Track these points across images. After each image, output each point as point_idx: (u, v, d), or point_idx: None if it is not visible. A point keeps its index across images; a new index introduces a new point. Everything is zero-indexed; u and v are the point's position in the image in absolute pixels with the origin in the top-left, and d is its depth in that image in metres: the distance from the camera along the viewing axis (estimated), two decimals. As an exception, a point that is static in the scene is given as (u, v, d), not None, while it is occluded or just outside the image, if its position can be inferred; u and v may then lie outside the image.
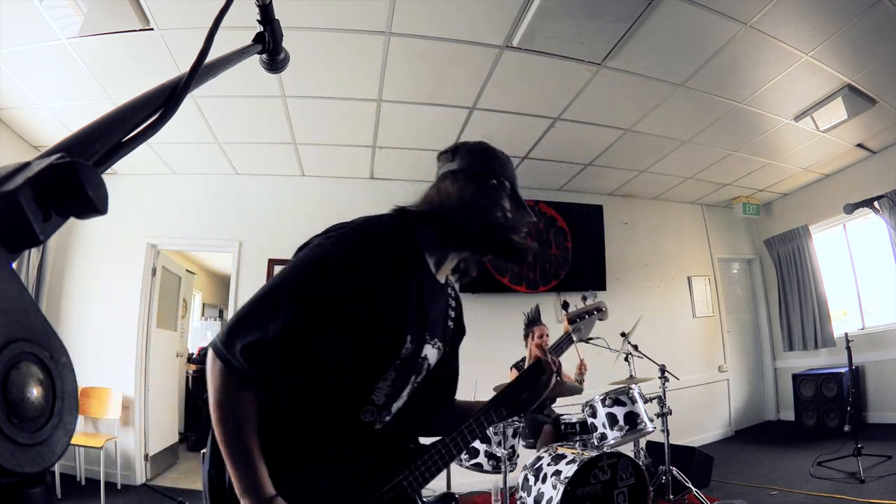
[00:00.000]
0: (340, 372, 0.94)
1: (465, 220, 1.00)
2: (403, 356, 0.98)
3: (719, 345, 6.06)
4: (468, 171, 1.05)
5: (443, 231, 1.01)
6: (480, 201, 1.02)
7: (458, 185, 1.03)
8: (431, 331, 1.05)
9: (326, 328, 0.91)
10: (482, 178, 1.05)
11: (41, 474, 0.30)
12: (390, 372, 0.99)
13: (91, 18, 2.67)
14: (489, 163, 1.08)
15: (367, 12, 2.77)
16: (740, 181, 5.62)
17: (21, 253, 0.32)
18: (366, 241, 0.95)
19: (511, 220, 1.06)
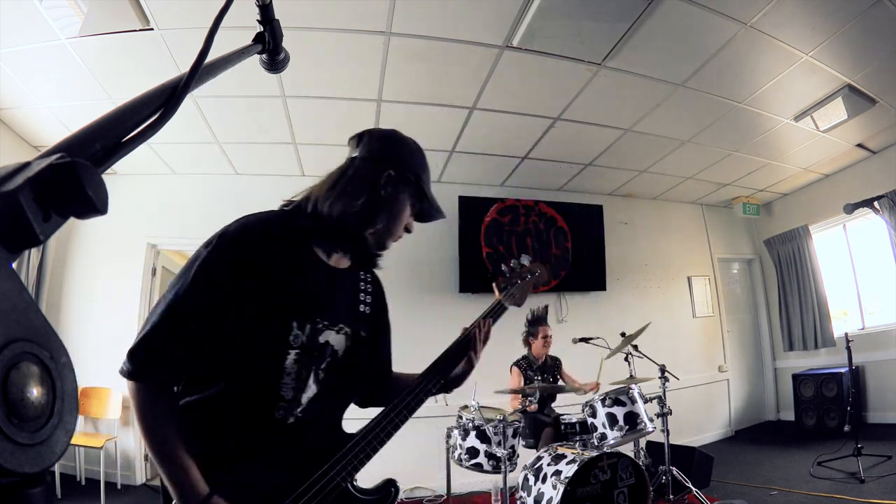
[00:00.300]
0: (242, 371, 0.95)
1: (326, 208, 1.02)
2: (297, 344, 0.98)
3: (719, 345, 6.06)
4: (365, 158, 1.06)
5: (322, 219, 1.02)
6: (347, 190, 1.02)
7: (340, 173, 1.07)
8: (330, 316, 1.04)
9: (209, 325, 0.92)
10: (377, 167, 1.05)
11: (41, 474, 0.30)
12: (291, 364, 0.98)
13: (91, 18, 2.67)
14: (389, 152, 1.07)
15: (367, 12, 2.77)
16: (740, 181, 5.62)
17: (21, 253, 0.32)
18: (239, 238, 0.96)
19: (369, 213, 1.03)
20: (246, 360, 0.95)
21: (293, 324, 0.98)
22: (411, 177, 1.07)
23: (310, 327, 1.01)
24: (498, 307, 1.34)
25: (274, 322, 0.97)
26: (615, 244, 5.57)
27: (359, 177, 1.05)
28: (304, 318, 1.00)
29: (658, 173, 5.25)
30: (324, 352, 1.04)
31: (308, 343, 1.01)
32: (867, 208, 3.07)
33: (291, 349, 0.98)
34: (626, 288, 5.63)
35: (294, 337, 0.98)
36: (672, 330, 5.61)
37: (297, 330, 0.99)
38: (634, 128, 4.21)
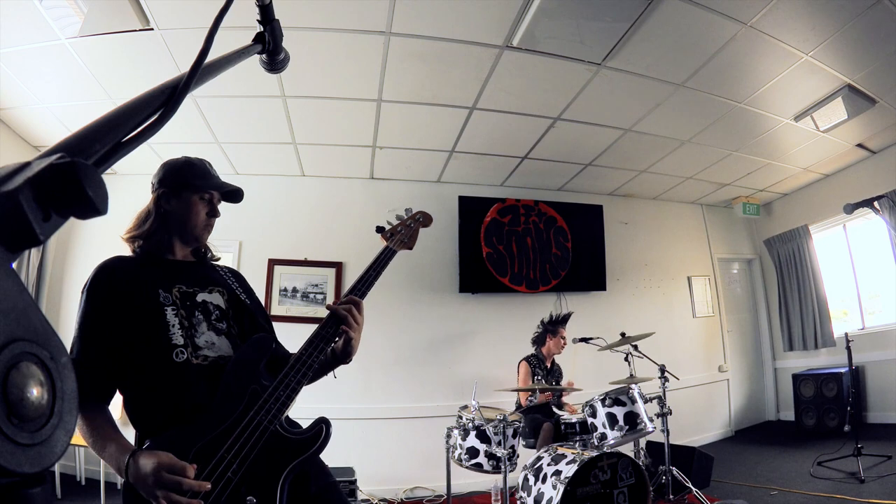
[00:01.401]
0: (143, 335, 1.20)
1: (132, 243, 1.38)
2: (168, 302, 1.26)
3: (719, 345, 6.05)
4: (152, 194, 1.43)
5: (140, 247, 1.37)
6: (139, 224, 1.39)
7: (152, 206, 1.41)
8: (196, 282, 1.34)
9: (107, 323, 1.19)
10: (155, 195, 1.42)
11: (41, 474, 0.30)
12: (171, 317, 1.24)
13: (91, 18, 2.67)
14: (159, 180, 1.42)
15: (367, 12, 2.77)
16: (740, 181, 5.62)
17: (21, 253, 0.32)
18: (100, 271, 1.27)
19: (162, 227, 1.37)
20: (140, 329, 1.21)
21: (158, 291, 1.27)
22: (181, 184, 1.37)
23: (177, 291, 1.29)
24: (387, 252, 1.46)
25: (143, 295, 1.25)
26: (615, 244, 5.57)
27: (146, 211, 1.39)
28: (167, 287, 1.28)
29: (658, 173, 5.25)
30: (206, 307, 1.32)
31: (182, 301, 1.28)
32: (867, 208, 3.07)
33: (167, 306, 1.25)
34: (626, 288, 5.63)
35: (164, 298, 1.26)
36: (672, 330, 5.61)
37: (164, 293, 1.27)
38: (634, 128, 4.21)
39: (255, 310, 1.42)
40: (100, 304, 1.22)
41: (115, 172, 4.55)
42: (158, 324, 1.22)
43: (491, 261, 4.97)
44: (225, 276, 1.45)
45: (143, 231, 1.36)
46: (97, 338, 1.19)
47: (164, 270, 1.33)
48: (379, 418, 4.47)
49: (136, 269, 1.30)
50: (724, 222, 6.45)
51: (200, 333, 1.26)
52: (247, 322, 1.38)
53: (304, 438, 1.16)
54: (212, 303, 1.33)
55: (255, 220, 4.73)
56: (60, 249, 4.44)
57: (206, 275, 1.41)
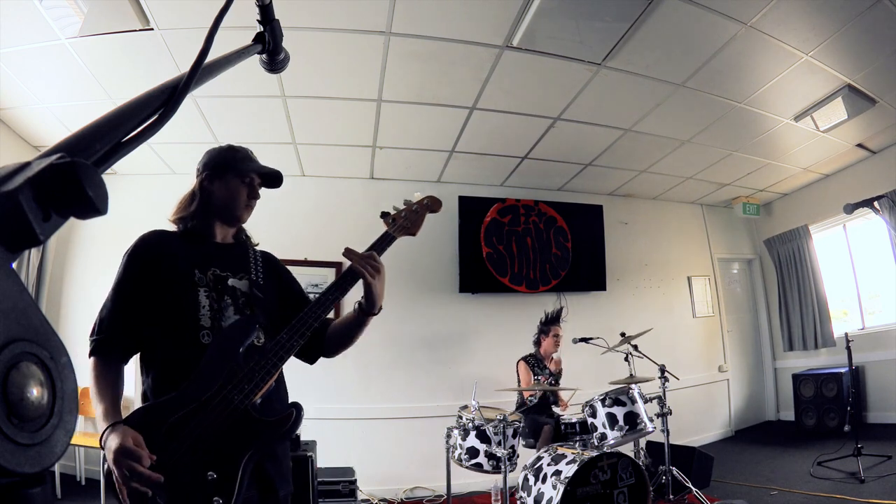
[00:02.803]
0: (173, 312, 1.28)
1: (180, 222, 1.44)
2: (202, 284, 1.32)
3: (719, 345, 6.05)
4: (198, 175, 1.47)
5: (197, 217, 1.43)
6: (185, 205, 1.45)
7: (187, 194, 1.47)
8: (227, 267, 1.39)
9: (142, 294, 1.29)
10: (199, 178, 1.46)
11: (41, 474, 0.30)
12: (203, 298, 1.30)
13: (91, 18, 2.67)
14: (203, 164, 1.47)
15: (366, 12, 2.77)
16: (740, 181, 5.62)
17: (21, 253, 0.32)
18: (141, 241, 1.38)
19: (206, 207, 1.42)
20: (171, 303, 1.28)
21: (195, 271, 1.33)
22: (224, 167, 1.44)
23: (211, 273, 1.35)
24: (385, 237, 1.42)
25: (180, 274, 1.32)
26: (615, 244, 5.57)
27: (191, 194, 1.45)
28: (203, 268, 1.35)
29: (658, 173, 5.24)
30: (234, 292, 1.37)
31: (215, 284, 1.35)
32: (867, 208, 3.07)
33: (200, 287, 1.32)
34: (626, 288, 5.63)
35: (199, 278, 1.33)
36: (672, 330, 5.61)
37: (199, 274, 1.33)
38: (634, 128, 4.21)
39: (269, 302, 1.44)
40: (138, 270, 1.31)
41: (115, 172, 4.55)
42: (190, 303, 1.29)
43: (491, 261, 4.97)
44: (254, 262, 1.48)
45: (188, 212, 1.42)
46: (129, 301, 1.28)
47: (203, 251, 1.39)
48: (379, 418, 4.47)
49: (177, 245, 1.37)
50: (724, 222, 6.45)
51: (227, 318, 1.32)
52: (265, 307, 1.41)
53: (271, 421, 1.17)
54: (240, 289, 1.39)
55: (254, 219, 4.69)
56: (60, 249, 4.44)
57: (240, 260, 1.45)
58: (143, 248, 1.35)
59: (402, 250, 5.12)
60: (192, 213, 1.41)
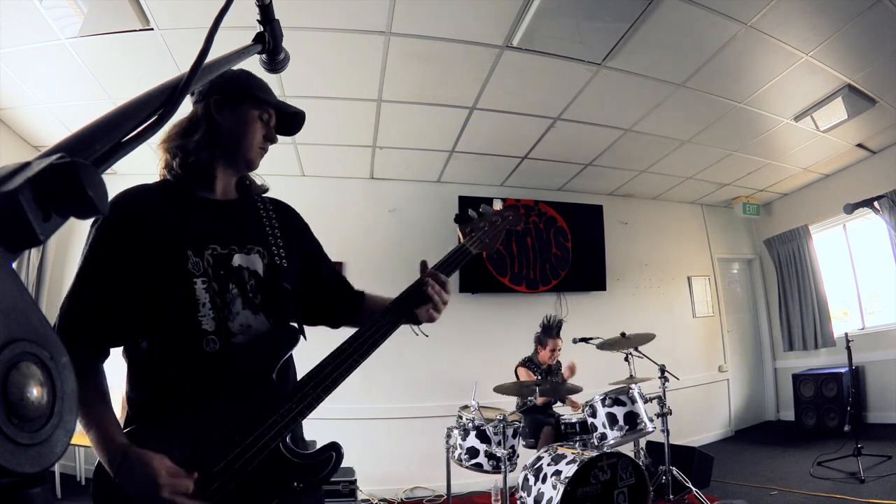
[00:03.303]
0: (161, 314, 0.98)
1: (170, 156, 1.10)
2: (199, 271, 1.00)
3: (719, 345, 6.05)
4: (196, 102, 1.14)
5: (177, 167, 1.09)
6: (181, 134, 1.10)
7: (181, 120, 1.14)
8: (232, 241, 1.07)
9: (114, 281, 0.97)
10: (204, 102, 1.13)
11: (41, 474, 0.30)
12: (202, 293, 0.99)
13: (91, 18, 2.67)
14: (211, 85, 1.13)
15: (367, 12, 2.77)
16: (740, 181, 5.62)
17: (21, 253, 0.32)
18: (113, 205, 1.01)
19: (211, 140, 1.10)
20: (158, 301, 0.98)
21: (188, 252, 1.00)
22: (240, 93, 1.12)
23: (210, 255, 1.03)
24: (461, 252, 1.23)
25: (167, 258, 0.99)
26: (615, 244, 5.57)
27: (191, 119, 1.11)
28: (198, 247, 1.02)
29: (658, 173, 5.24)
30: (242, 276, 1.05)
31: (215, 269, 1.02)
32: (867, 208, 3.06)
33: (195, 277, 1.00)
34: (626, 288, 5.63)
35: (193, 265, 1.00)
36: (672, 330, 5.61)
37: (194, 258, 1.01)
38: (634, 128, 4.21)
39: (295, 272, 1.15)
40: (112, 238, 0.99)
41: (115, 172, 4.54)
42: (186, 301, 0.98)
43: (491, 261, 4.97)
44: (269, 225, 1.17)
45: (189, 143, 1.08)
46: (101, 277, 0.97)
47: (198, 218, 1.06)
48: (379, 418, 4.47)
49: (162, 209, 1.04)
50: (724, 222, 6.45)
51: (235, 314, 1.02)
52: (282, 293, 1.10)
53: (308, 465, 0.98)
54: (248, 269, 1.07)
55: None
56: (60, 249, 4.44)
57: (248, 224, 1.13)
58: (118, 215, 1.00)
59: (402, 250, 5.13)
60: (193, 146, 1.07)
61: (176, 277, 0.99)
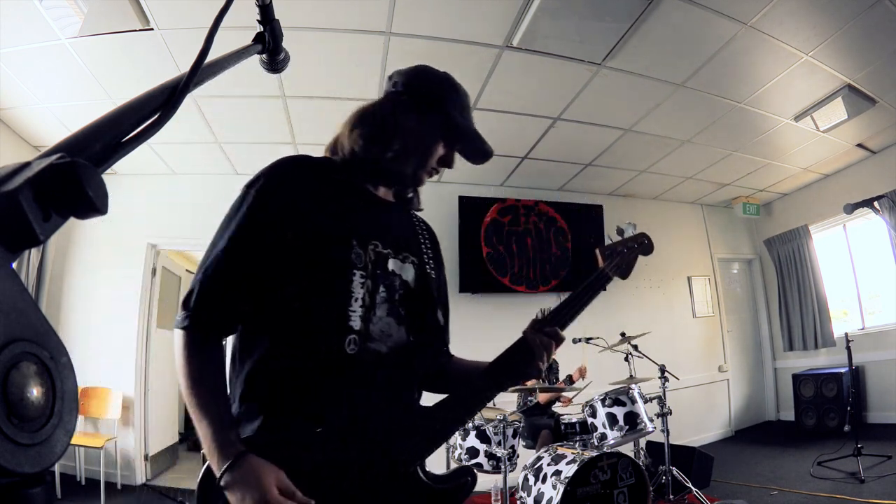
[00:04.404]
0: (309, 299, 0.89)
1: (351, 144, 1.00)
2: (360, 264, 0.92)
3: (719, 345, 6.06)
4: (388, 93, 1.05)
5: (350, 153, 1.00)
6: (369, 125, 0.99)
7: (361, 112, 1.03)
8: (390, 242, 0.99)
9: (266, 258, 0.87)
10: (396, 100, 1.02)
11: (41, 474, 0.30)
12: (357, 288, 0.91)
13: (91, 18, 2.67)
14: (410, 84, 1.05)
15: (366, 12, 2.77)
16: (740, 181, 5.62)
17: (21, 253, 0.32)
18: (277, 170, 0.95)
19: (392, 143, 0.98)
20: (310, 285, 0.88)
21: (353, 241, 0.92)
22: (437, 103, 1.01)
23: (372, 250, 0.95)
24: (601, 276, 1.12)
25: (332, 241, 0.91)
26: (615, 244, 5.57)
27: (379, 113, 1.01)
28: (363, 239, 0.94)
29: (658, 173, 5.25)
30: (393, 281, 0.98)
31: (373, 267, 0.94)
32: (867, 208, 3.07)
33: (356, 269, 0.91)
34: (627, 288, 5.62)
35: (356, 256, 0.92)
36: (672, 330, 5.61)
37: (357, 248, 0.92)
38: (634, 128, 4.21)
39: (437, 297, 1.08)
40: (273, 205, 0.89)
41: (115, 172, 4.55)
42: (341, 291, 0.90)
43: (491, 261, 4.97)
44: (421, 237, 1.09)
45: (379, 133, 0.98)
46: (255, 245, 0.87)
47: (364, 208, 0.98)
48: (379, 418, 4.47)
49: (330, 188, 0.95)
50: (724, 222, 6.45)
51: (378, 319, 0.94)
52: (424, 312, 1.04)
53: (446, 490, 0.92)
54: (401, 277, 0.99)
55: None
56: (60, 249, 4.44)
57: (405, 230, 1.05)
58: (279, 185, 0.91)
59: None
60: (391, 150, 0.97)
61: (337, 263, 0.90)
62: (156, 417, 4.56)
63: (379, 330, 0.94)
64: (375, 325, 0.93)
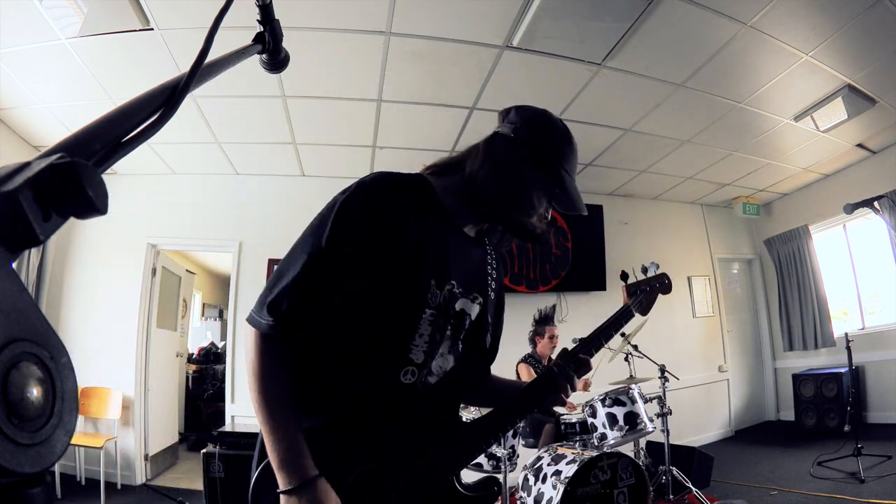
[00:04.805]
0: (374, 326, 0.90)
1: (479, 179, 0.98)
2: (433, 304, 0.93)
3: (719, 345, 6.06)
4: (507, 136, 1.03)
5: (459, 187, 1.00)
6: (498, 167, 0.98)
7: (488, 146, 1.02)
8: (464, 282, 1.00)
9: (347, 276, 0.87)
10: (518, 145, 1.01)
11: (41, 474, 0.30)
12: (424, 325, 0.93)
13: (91, 18, 2.67)
14: (533, 131, 1.03)
15: (367, 12, 2.77)
16: (740, 181, 5.62)
17: (21, 253, 0.32)
18: (378, 189, 0.93)
19: (521, 194, 0.99)
20: (380, 311, 0.90)
21: (431, 281, 0.93)
22: (552, 164, 1.02)
23: (448, 290, 0.96)
24: (625, 312, 1.23)
25: (413, 277, 0.91)
26: (615, 244, 5.57)
27: (506, 157, 1.00)
28: (442, 280, 0.95)
29: (658, 173, 5.25)
30: (462, 320, 1.01)
31: (445, 306, 0.96)
32: (867, 208, 3.07)
33: (428, 308, 0.93)
34: (627, 288, 5.62)
35: (432, 296, 0.93)
36: (672, 330, 5.61)
37: (435, 289, 0.93)
38: (634, 128, 4.21)
39: (494, 327, 1.12)
40: (364, 230, 0.88)
41: (115, 172, 4.55)
42: (409, 325, 0.92)
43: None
44: (490, 270, 1.10)
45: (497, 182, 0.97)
46: (334, 277, 0.87)
47: (451, 245, 0.98)
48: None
49: (422, 221, 0.94)
50: (724, 222, 6.45)
51: (439, 355, 0.98)
52: (477, 350, 1.09)
53: (477, 498, 0.98)
54: (469, 316, 1.03)
55: (255, 220, 4.73)
56: (60, 249, 4.44)
57: (479, 269, 1.06)
58: (375, 203, 0.90)
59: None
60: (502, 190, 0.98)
61: (412, 301, 0.92)
62: (156, 417, 4.56)
63: (437, 366, 0.99)
64: (436, 360, 0.98)
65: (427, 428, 0.96)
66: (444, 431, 0.98)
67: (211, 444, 3.11)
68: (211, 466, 3.03)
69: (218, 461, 3.03)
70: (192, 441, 5.86)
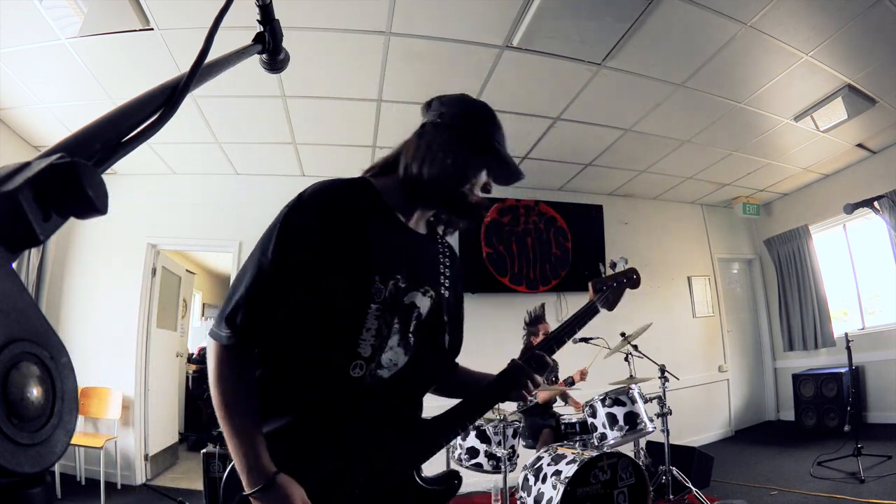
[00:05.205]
0: (324, 326, 0.95)
1: (413, 168, 1.03)
2: (378, 298, 0.97)
3: (719, 345, 6.06)
4: (435, 122, 1.08)
5: (399, 182, 1.04)
6: (432, 151, 1.03)
7: (419, 136, 1.08)
8: (413, 277, 1.03)
9: (294, 285, 0.92)
10: (448, 129, 1.06)
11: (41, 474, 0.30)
12: (371, 319, 0.97)
13: (91, 18, 2.67)
14: (460, 114, 1.09)
15: (367, 12, 2.77)
16: (740, 181, 5.62)
17: (21, 253, 0.32)
18: (317, 198, 0.97)
19: (458, 171, 1.02)
20: (326, 312, 0.94)
21: (374, 277, 0.97)
22: (483, 136, 1.07)
23: (392, 284, 0.99)
24: (590, 308, 1.26)
25: (355, 275, 0.96)
26: (615, 244, 5.57)
27: (436, 141, 1.04)
28: (386, 275, 0.98)
29: (658, 173, 5.25)
30: (410, 313, 1.03)
31: (391, 300, 0.99)
32: (867, 208, 3.06)
33: (373, 303, 0.97)
34: (626, 288, 5.62)
35: (376, 290, 0.97)
36: (672, 330, 5.61)
37: (378, 284, 0.97)
38: (634, 128, 4.21)
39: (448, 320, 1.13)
40: (309, 232, 0.93)
41: (115, 172, 4.55)
42: (355, 321, 0.96)
43: (491, 261, 4.97)
44: (443, 265, 1.13)
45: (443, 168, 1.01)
46: (290, 274, 0.91)
47: (392, 242, 1.02)
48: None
49: (362, 221, 0.98)
50: (724, 222, 6.45)
51: (388, 349, 1.01)
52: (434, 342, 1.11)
53: (437, 492, 1.02)
54: (419, 309, 1.06)
55: (255, 220, 4.70)
56: (60, 249, 4.44)
57: (429, 263, 1.10)
58: (317, 213, 0.94)
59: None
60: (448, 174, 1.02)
61: (356, 297, 0.96)
62: (156, 417, 4.56)
63: (388, 359, 1.01)
64: (386, 354, 1.00)
65: (388, 423, 0.99)
66: (407, 426, 1.02)
67: (211, 444, 3.11)
68: (211, 466, 3.03)
69: (218, 461, 3.03)
70: (192, 441, 5.86)
